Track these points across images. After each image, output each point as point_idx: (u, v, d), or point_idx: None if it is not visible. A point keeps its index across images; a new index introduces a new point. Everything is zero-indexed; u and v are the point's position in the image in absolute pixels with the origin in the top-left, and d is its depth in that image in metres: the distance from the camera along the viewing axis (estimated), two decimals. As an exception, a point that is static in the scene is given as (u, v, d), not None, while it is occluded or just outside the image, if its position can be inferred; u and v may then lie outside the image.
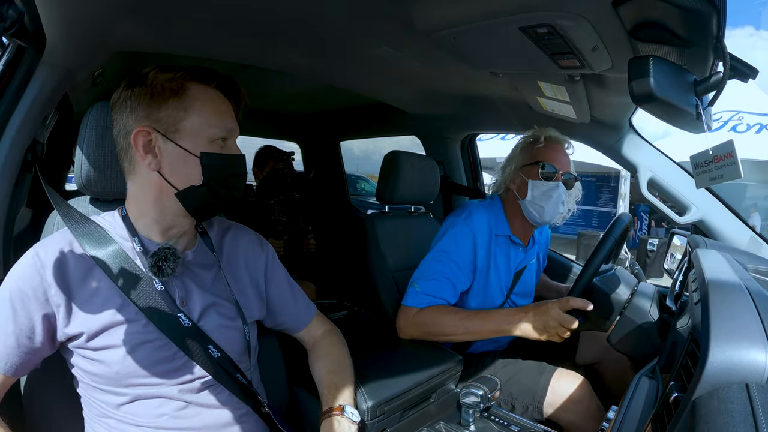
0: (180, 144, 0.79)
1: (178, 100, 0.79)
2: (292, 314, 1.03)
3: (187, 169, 0.80)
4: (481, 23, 0.93)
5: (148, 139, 0.78)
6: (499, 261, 1.41)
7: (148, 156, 0.79)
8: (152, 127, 0.78)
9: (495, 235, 1.38)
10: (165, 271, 0.79)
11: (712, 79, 0.78)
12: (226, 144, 0.83)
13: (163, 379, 0.79)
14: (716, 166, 0.87)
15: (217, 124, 0.81)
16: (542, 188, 1.34)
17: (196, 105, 0.79)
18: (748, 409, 0.45)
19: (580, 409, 1.21)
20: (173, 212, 0.82)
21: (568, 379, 1.26)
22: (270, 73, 1.49)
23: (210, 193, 0.81)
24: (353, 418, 0.85)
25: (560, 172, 1.35)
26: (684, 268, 1.27)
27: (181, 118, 0.79)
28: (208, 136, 0.80)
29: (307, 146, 3.19)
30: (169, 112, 0.78)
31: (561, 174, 1.35)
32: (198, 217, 0.87)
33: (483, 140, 8.42)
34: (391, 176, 1.69)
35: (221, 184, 0.82)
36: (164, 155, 0.79)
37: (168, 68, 0.80)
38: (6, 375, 0.74)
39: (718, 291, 0.66)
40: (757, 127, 7.33)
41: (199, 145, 0.79)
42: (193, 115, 0.79)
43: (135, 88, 0.79)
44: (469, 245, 1.33)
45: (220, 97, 0.83)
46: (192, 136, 0.79)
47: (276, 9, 0.98)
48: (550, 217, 1.35)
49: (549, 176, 1.34)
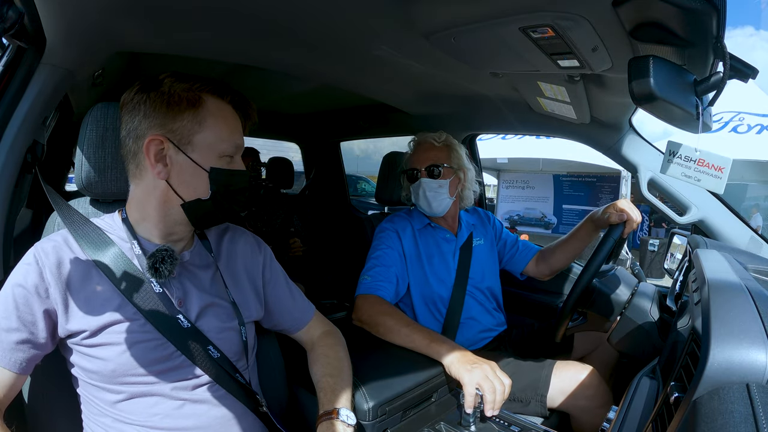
0: (191, 156, 0.80)
1: (194, 113, 0.79)
2: (290, 315, 1.03)
3: (196, 182, 0.81)
4: (481, 23, 0.93)
5: (160, 147, 0.79)
6: (432, 250, 1.51)
7: (158, 165, 0.79)
8: (166, 136, 0.78)
9: (417, 229, 1.52)
10: (162, 273, 0.79)
11: (712, 79, 0.78)
12: (233, 160, 0.85)
13: (160, 378, 0.80)
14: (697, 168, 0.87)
15: (228, 139, 0.82)
16: (415, 190, 1.51)
17: (210, 120, 0.80)
18: (748, 410, 0.45)
19: (590, 394, 1.23)
20: (175, 220, 0.83)
21: (576, 368, 1.28)
22: (270, 73, 1.49)
23: (215, 206, 0.83)
24: (348, 421, 0.85)
25: (422, 168, 1.49)
26: (684, 268, 1.27)
27: (195, 131, 0.80)
28: (218, 152, 0.81)
29: (307, 146, 3.19)
30: (185, 123, 0.79)
31: (423, 169, 1.49)
32: (199, 227, 0.89)
33: (483, 140, 8.43)
34: (390, 177, 1.70)
35: (226, 199, 0.84)
36: (174, 166, 0.80)
37: (184, 77, 0.81)
38: (11, 371, 0.74)
39: (718, 291, 0.66)
40: (758, 128, 7.32)
41: (209, 160, 0.81)
42: (207, 129, 0.80)
43: (151, 93, 0.79)
44: (394, 237, 1.48)
45: (232, 112, 0.85)
46: (204, 150, 0.80)
47: (276, 9, 0.98)
48: (437, 207, 1.49)
49: (413, 178, 1.52)
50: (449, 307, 1.46)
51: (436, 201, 1.48)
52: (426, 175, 1.49)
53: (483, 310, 1.54)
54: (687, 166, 0.88)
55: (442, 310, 1.47)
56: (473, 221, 1.65)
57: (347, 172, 3.11)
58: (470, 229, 1.60)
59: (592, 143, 1.61)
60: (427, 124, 2.01)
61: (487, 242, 1.64)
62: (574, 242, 1.54)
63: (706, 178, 0.85)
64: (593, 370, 1.27)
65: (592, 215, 1.47)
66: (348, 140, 2.98)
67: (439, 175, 1.48)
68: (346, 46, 1.22)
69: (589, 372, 1.26)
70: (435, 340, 1.13)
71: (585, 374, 1.25)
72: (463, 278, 1.50)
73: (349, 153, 8.25)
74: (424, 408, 1.03)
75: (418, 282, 1.47)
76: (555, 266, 1.60)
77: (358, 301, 1.32)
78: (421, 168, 1.50)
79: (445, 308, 1.47)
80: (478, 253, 1.58)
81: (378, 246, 1.47)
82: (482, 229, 1.66)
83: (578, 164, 8.09)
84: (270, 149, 4.61)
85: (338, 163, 3.05)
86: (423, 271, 1.48)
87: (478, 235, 1.62)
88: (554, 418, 1.30)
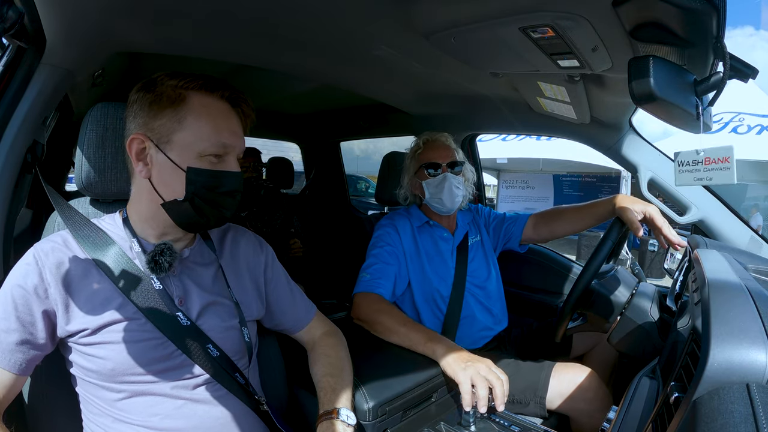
0: (169, 156, 0.78)
1: (174, 111, 0.78)
2: (291, 315, 1.03)
3: (173, 181, 0.79)
4: (481, 23, 0.93)
5: (141, 146, 0.78)
6: (429, 248, 1.52)
7: (140, 163, 0.79)
8: (146, 135, 0.78)
9: (416, 227, 1.53)
10: (162, 266, 0.78)
11: (712, 79, 0.78)
12: (222, 160, 0.81)
13: (160, 377, 0.80)
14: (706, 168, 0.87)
15: (210, 138, 0.78)
16: (434, 183, 1.50)
17: (190, 118, 0.78)
18: (748, 410, 0.45)
19: (589, 397, 1.22)
20: (164, 221, 0.83)
21: (574, 370, 1.28)
22: (270, 74, 1.49)
23: (194, 209, 0.80)
24: (348, 421, 0.84)
25: (443, 163, 1.50)
26: (684, 268, 1.27)
27: (174, 130, 0.78)
28: (198, 151, 0.78)
29: (307, 146, 3.19)
30: (164, 122, 0.78)
31: (445, 165, 1.49)
32: (187, 230, 0.86)
33: (483, 141, 8.43)
34: (390, 177, 1.70)
35: (207, 202, 0.80)
36: (155, 165, 0.79)
37: (176, 75, 0.80)
38: (11, 372, 0.74)
39: (718, 291, 0.66)
40: (758, 128, 7.32)
41: (187, 159, 0.78)
42: (186, 128, 0.78)
43: (141, 93, 0.79)
44: (394, 234, 1.49)
45: (223, 110, 0.81)
46: (182, 148, 0.78)
47: (276, 9, 0.98)
48: (451, 203, 1.49)
49: (435, 172, 1.50)
50: (449, 305, 1.47)
51: (458, 196, 1.50)
52: (448, 170, 1.50)
53: (482, 309, 1.54)
54: (696, 170, 0.88)
55: (442, 307, 1.47)
56: (468, 219, 1.66)
57: (347, 172, 3.11)
58: (466, 229, 1.61)
59: (592, 143, 1.61)
60: (427, 124, 2.01)
61: (482, 237, 1.64)
62: (587, 217, 1.51)
63: (716, 174, 0.85)
64: (592, 372, 1.26)
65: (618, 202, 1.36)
66: (348, 140, 2.98)
67: (459, 171, 1.51)
68: (346, 46, 1.22)
69: (587, 374, 1.25)
70: (432, 340, 1.13)
71: (584, 376, 1.25)
72: (461, 277, 1.50)
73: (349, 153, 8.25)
74: (424, 408, 1.03)
75: (418, 279, 1.48)
76: (558, 232, 1.58)
77: (357, 299, 1.32)
78: (443, 163, 1.50)
79: (445, 306, 1.47)
80: (474, 251, 1.58)
81: (376, 243, 1.47)
82: (475, 224, 1.67)
83: (578, 164, 8.09)
84: (270, 149, 4.61)
85: (338, 163, 3.05)
86: (423, 268, 1.48)
87: (473, 233, 1.62)
88: (554, 419, 1.30)
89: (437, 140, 1.55)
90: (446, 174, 1.48)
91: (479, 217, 1.70)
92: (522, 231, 1.62)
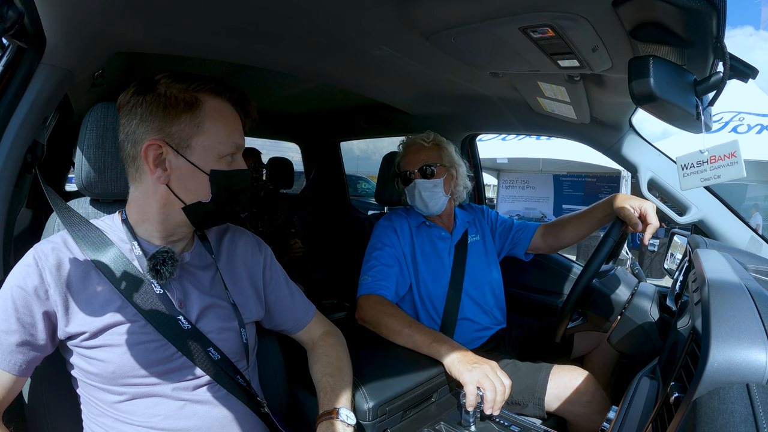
0: (191, 160, 0.79)
1: (192, 115, 0.78)
2: (291, 315, 1.03)
3: (197, 185, 0.80)
4: (481, 23, 0.93)
5: (159, 152, 0.78)
6: (427, 249, 1.53)
7: (158, 169, 0.79)
8: (164, 140, 0.78)
9: (414, 227, 1.54)
10: (163, 275, 0.79)
11: (712, 79, 0.78)
12: (233, 159, 0.84)
13: (161, 379, 0.80)
14: (712, 167, 0.86)
15: (227, 140, 0.81)
16: (410, 192, 1.53)
17: (208, 122, 0.80)
18: (748, 409, 0.45)
19: (585, 400, 1.22)
20: (176, 222, 0.83)
21: (572, 373, 1.27)
22: (270, 74, 1.49)
23: (216, 208, 0.82)
24: (348, 421, 0.84)
25: (414, 170, 1.51)
26: (684, 268, 1.27)
27: (193, 134, 0.79)
28: (218, 153, 0.81)
29: (307, 146, 3.19)
30: (182, 127, 0.78)
31: (417, 171, 1.51)
32: (200, 228, 0.89)
33: (483, 141, 8.43)
34: (389, 177, 1.70)
35: (227, 200, 0.83)
36: (174, 170, 0.79)
37: (181, 77, 0.80)
38: (11, 373, 0.74)
39: (718, 291, 0.66)
40: (758, 127, 7.32)
41: (208, 162, 0.80)
42: (206, 131, 0.79)
43: (147, 96, 0.78)
44: (392, 234, 1.50)
45: (231, 111, 0.84)
46: (203, 152, 0.80)
47: (276, 9, 0.98)
48: (434, 206, 1.51)
49: (407, 180, 1.53)
50: (445, 305, 1.47)
51: (432, 200, 1.50)
52: (419, 176, 1.50)
53: (479, 309, 1.54)
54: (702, 170, 0.87)
55: (439, 308, 1.47)
56: (468, 218, 1.66)
57: (347, 172, 3.11)
58: (465, 227, 1.61)
59: (592, 143, 1.61)
60: (427, 124, 2.01)
61: (484, 237, 1.64)
62: (590, 221, 1.51)
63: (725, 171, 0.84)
64: (589, 376, 1.25)
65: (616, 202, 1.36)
66: (348, 140, 2.98)
67: (432, 174, 1.50)
68: (346, 46, 1.22)
69: (585, 377, 1.24)
70: (436, 340, 1.13)
71: (581, 380, 1.24)
72: (458, 277, 1.50)
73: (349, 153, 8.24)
74: (424, 408, 1.03)
75: (417, 279, 1.48)
76: (564, 241, 1.59)
77: (361, 302, 1.32)
78: (413, 169, 1.51)
79: (441, 307, 1.47)
80: (474, 250, 1.58)
81: (376, 244, 1.47)
82: (478, 224, 1.66)
83: (578, 164, 8.09)
84: (270, 149, 4.61)
85: (338, 163, 3.05)
86: (418, 269, 1.49)
87: (473, 232, 1.62)
88: (553, 420, 1.30)
89: (412, 145, 1.56)
90: (415, 182, 1.50)
91: (484, 219, 1.69)
92: (531, 239, 1.63)
